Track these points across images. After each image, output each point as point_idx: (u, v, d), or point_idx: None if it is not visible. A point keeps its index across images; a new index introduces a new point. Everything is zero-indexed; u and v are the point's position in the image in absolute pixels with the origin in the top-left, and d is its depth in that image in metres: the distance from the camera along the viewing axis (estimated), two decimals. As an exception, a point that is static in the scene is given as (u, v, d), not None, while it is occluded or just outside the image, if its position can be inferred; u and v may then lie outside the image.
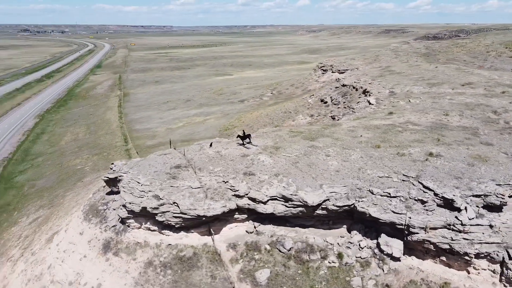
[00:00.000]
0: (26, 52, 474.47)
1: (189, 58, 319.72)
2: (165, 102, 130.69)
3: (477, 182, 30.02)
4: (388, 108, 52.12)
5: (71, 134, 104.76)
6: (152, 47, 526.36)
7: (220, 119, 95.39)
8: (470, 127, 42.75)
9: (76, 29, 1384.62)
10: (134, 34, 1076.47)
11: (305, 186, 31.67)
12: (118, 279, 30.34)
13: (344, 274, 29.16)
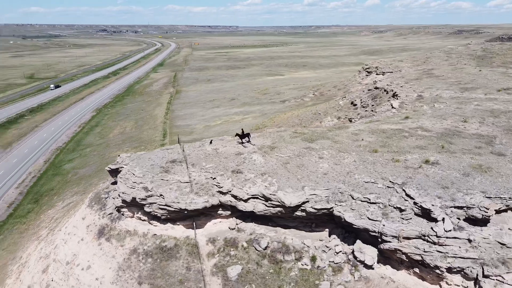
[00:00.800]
0: (100, 50, 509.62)
1: (246, 57, 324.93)
2: (211, 100, 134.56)
3: (464, 193, 28.34)
4: (407, 112, 50.05)
5: (120, 127, 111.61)
6: (214, 46, 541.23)
7: (257, 119, 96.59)
8: (487, 135, 39.96)
9: (148, 29, 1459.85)
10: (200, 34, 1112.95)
11: (286, 187, 31.81)
12: (105, 263, 32.57)
13: (315, 277, 28.97)
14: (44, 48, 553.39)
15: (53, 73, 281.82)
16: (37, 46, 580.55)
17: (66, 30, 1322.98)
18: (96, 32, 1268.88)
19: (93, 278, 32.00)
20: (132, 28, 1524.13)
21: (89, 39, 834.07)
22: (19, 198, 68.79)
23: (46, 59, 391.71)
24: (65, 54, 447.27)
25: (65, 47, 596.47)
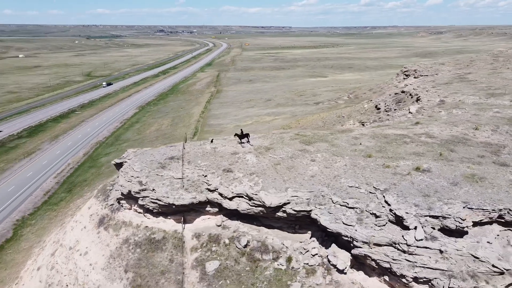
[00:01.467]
0: (154, 50, 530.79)
1: (293, 58, 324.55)
2: (247, 100, 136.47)
3: (444, 202, 27.47)
4: (422, 118, 48.53)
5: (157, 124, 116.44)
6: (264, 47, 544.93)
7: (286, 120, 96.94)
8: (496, 143, 38.02)
9: (203, 30, 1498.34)
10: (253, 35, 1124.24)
11: (270, 187, 32.37)
12: (100, 250, 34.93)
13: (288, 278, 29.37)
14: (104, 48, 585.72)
15: (108, 71, 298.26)
16: (99, 46, 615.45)
17: (126, 31, 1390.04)
18: (154, 32, 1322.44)
19: (87, 263, 34.46)
20: (188, 28, 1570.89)
21: (147, 39, 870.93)
22: (55, 187, 74.27)
23: (104, 58, 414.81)
24: (123, 54, 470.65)
25: (124, 46, 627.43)
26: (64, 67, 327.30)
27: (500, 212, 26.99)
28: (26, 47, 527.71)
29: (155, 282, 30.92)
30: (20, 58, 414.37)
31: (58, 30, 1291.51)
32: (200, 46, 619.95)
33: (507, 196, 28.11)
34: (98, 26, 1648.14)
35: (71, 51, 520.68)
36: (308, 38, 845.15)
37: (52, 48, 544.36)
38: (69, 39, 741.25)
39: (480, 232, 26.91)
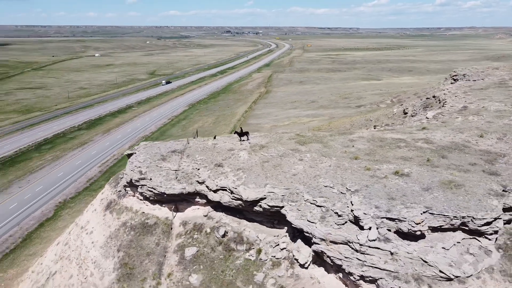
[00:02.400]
0: (218, 50, 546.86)
1: (352, 60, 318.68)
2: (292, 102, 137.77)
3: (406, 206, 27.69)
4: (433, 123, 47.42)
5: (201, 122, 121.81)
6: (326, 48, 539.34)
7: (322, 122, 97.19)
8: (496, 152, 36.68)
9: (268, 31, 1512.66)
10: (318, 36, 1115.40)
11: (251, 183, 34.24)
12: (102, 230, 38.98)
13: (255, 268, 31.15)
14: (172, 48, 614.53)
15: (171, 70, 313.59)
16: (167, 46, 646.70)
17: (195, 32, 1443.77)
18: (221, 33, 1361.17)
19: (90, 241, 38.65)
20: (254, 29, 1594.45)
21: (213, 40, 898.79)
22: (97, 175, 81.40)
23: (170, 57, 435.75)
24: (188, 54, 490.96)
25: (190, 47, 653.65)
26: (133, 65, 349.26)
27: (463, 219, 26.72)
28: (102, 47, 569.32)
29: (140, 262, 34.16)
30: (96, 57, 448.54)
31: (134, 31, 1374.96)
32: (262, 47, 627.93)
33: (477, 205, 27.64)
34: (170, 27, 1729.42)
35: (142, 50, 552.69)
36: (374, 40, 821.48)
37: (125, 48, 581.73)
38: (142, 40, 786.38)
39: (439, 237, 26.84)
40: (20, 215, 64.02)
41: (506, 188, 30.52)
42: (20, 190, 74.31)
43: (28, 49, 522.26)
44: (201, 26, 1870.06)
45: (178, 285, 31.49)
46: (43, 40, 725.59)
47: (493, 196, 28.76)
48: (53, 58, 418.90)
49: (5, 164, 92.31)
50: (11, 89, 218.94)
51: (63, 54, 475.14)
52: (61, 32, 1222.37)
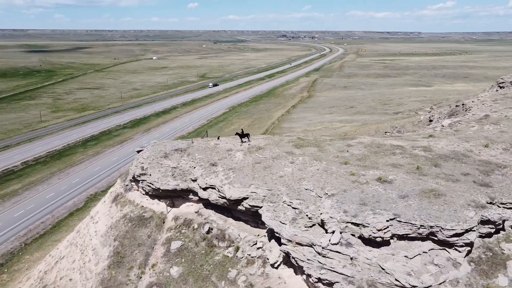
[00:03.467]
0: (270, 54, 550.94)
1: (405, 66, 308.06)
2: (330, 107, 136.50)
3: (374, 212, 27.43)
4: (445, 131, 45.73)
5: (237, 124, 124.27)
6: (381, 53, 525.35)
7: (354, 127, 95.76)
8: (497, 163, 34.94)
9: (325, 35, 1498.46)
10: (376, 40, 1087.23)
11: (237, 182, 35.34)
12: (105, 221, 41.82)
13: (230, 265, 32.18)
14: (226, 51, 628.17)
15: (221, 73, 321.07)
16: (221, 50, 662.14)
17: (251, 36, 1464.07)
18: (276, 37, 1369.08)
19: (94, 230, 41.62)
20: (310, 34, 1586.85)
21: (267, 44, 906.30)
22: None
23: (223, 61, 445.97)
24: (240, 57, 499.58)
25: (244, 50, 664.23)
26: (186, 68, 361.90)
27: (431, 229, 26.06)
28: (160, 50, 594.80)
29: (130, 251, 36.40)
30: (153, 59, 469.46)
31: (192, 35, 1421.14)
32: (316, 51, 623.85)
33: (450, 215, 26.82)
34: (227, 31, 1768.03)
35: (197, 54, 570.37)
36: (435, 45, 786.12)
37: (181, 51, 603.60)
38: (198, 43, 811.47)
39: (405, 246, 26.36)
40: (54, 204, 69.64)
41: (493, 201, 29.28)
42: (59, 182, 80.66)
43: (94, 52, 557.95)
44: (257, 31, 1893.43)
45: (159, 275, 33.25)
46: (109, 43, 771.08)
47: (473, 207, 27.69)
48: (115, 60, 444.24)
49: (53, 158, 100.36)
50: (72, 89, 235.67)
51: (124, 57, 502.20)
52: (126, 36, 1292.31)
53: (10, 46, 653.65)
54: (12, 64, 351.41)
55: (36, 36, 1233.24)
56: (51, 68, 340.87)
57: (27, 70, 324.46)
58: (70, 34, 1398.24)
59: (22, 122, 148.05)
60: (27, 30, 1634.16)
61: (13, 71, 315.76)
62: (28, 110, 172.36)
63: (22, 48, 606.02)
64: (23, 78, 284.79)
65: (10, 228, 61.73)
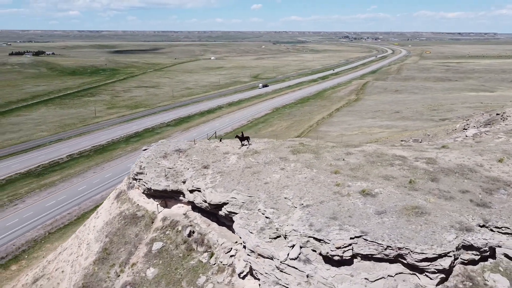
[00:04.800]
0: (328, 56, 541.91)
1: (470, 69, 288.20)
2: (375, 111, 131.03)
3: (340, 228, 25.43)
4: (465, 142, 41.61)
5: (276, 126, 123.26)
6: (447, 56, 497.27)
7: (392, 134, 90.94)
8: (505, 181, 31.04)
9: (389, 36, 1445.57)
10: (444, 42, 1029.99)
11: (221, 187, 34.62)
12: (104, 216, 42.92)
13: (202, 271, 31.54)
14: (284, 52, 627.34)
15: (274, 74, 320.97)
16: (279, 51, 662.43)
17: (312, 37, 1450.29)
18: (338, 38, 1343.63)
19: (93, 225, 42.92)
20: (373, 35, 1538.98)
21: (327, 45, 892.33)
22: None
23: (278, 62, 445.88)
24: (297, 58, 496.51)
25: (302, 52, 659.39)
26: (241, 69, 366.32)
27: (399, 251, 23.65)
28: (219, 51, 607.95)
29: (116, 249, 36.98)
30: (211, 60, 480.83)
31: (254, 36, 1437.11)
32: (377, 52, 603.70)
33: (426, 237, 24.21)
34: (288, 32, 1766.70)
35: (255, 54, 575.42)
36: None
37: (240, 51, 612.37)
38: (257, 44, 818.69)
39: (369, 267, 24.17)
40: (84, 196, 73.20)
41: (487, 223, 26.03)
42: (93, 175, 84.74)
43: (158, 52, 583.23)
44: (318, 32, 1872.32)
45: (136, 275, 33.39)
46: (172, 44, 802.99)
47: (456, 230, 24.78)
48: (175, 60, 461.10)
49: (96, 152, 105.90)
50: (130, 87, 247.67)
51: (185, 57, 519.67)
52: (190, 37, 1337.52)
53: (84, 46, 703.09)
54: (82, 62, 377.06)
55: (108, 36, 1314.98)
56: (115, 67, 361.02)
57: (94, 69, 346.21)
58: (139, 35, 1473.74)
59: (79, 117, 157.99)
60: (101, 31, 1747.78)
61: (81, 70, 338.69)
62: (86, 106, 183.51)
63: (94, 48, 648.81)
64: (89, 76, 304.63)
65: (39, 217, 65.89)
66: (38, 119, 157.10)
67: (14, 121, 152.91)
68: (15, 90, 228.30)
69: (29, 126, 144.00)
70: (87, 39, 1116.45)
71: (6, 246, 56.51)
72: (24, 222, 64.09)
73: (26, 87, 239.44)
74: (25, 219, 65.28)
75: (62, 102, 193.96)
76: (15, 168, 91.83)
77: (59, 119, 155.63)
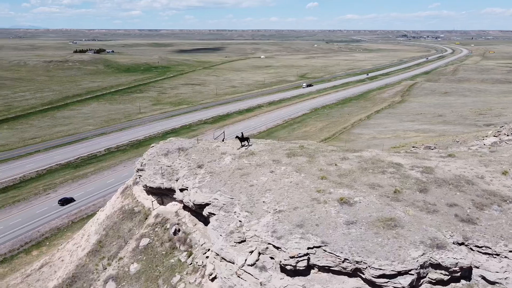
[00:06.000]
0: (381, 55, 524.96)
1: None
2: (416, 114, 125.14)
3: (302, 236, 24.54)
4: (479, 151, 38.64)
5: (310, 127, 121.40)
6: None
7: (427, 139, 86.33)
8: (503, 195, 28.38)
9: (451, 35, 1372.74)
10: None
11: (207, 187, 34.69)
12: (108, 210, 44.50)
13: (178, 269, 31.81)
14: (335, 52, 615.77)
15: (322, 73, 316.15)
16: (331, 50, 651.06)
17: (368, 36, 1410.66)
18: (395, 37, 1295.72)
19: (97, 218, 44.64)
20: (434, 33, 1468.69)
21: (383, 45, 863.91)
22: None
23: (328, 61, 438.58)
24: (348, 58, 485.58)
25: (355, 51, 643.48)
26: (289, 68, 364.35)
27: (357, 264, 22.44)
28: (270, 49, 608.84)
29: (109, 242, 38.21)
30: (261, 58, 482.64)
31: (307, 35, 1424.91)
32: (435, 52, 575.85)
33: (390, 252, 22.86)
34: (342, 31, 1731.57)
35: (305, 53, 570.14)
36: None
37: (290, 50, 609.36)
38: (310, 43, 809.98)
39: (324, 279, 23.16)
40: (110, 189, 76.29)
41: (466, 241, 24.07)
42: (123, 169, 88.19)
43: (210, 50, 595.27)
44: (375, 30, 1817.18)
45: (120, 269, 34.31)
46: (225, 42, 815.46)
47: (426, 246, 23.15)
48: (226, 58, 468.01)
49: (132, 146, 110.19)
50: (178, 84, 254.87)
51: (236, 55, 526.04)
52: (243, 35, 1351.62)
53: (142, 44, 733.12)
54: (137, 60, 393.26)
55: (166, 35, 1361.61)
56: (167, 65, 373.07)
57: (147, 66, 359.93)
58: (195, 34, 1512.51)
59: (124, 113, 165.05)
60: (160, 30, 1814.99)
61: (135, 67, 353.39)
62: (134, 102, 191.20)
63: (151, 47, 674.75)
64: (141, 73, 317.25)
65: (66, 206, 69.65)
66: (88, 113, 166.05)
67: (67, 115, 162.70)
68: (73, 85, 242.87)
69: (79, 120, 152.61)
70: (145, 37, 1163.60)
71: (32, 232, 60.47)
72: (52, 210, 68.19)
73: (83, 83, 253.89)
74: (54, 207, 69.42)
75: (112, 98, 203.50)
76: (57, 159, 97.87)
77: (107, 114, 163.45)
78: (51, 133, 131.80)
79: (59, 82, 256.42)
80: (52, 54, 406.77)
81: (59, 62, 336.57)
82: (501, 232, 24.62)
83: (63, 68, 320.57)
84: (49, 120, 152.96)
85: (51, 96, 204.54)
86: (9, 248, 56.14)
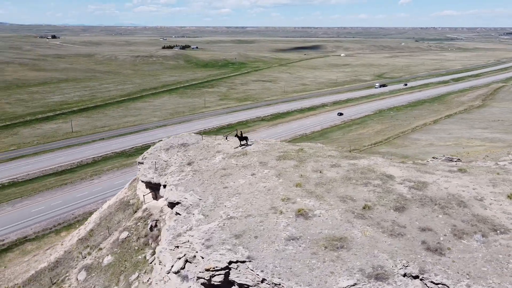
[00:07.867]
0: (476, 55, 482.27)
1: None
2: (492, 120, 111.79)
3: (231, 249, 22.44)
4: (497, 169, 32.62)
5: (367, 129, 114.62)
6: None
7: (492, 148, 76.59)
8: (496, 224, 23.40)
9: None
10: None
11: (183, 185, 33.71)
12: (111, 200, 45.62)
13: (140, 266, 31.52)
14: (424, 50, 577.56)
15: (402, 73, 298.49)
16: (419, 48, 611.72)
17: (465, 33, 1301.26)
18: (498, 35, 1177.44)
19: (101, 207, 45.96)
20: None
21: (481, 43, 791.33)
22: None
23: (412, 60, 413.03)
24: (436, 57, 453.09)
25: (446, 50, 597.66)
26: (367, 67, 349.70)
27: (275, 287, 19.75)
28: (352, 47, 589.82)
29: (98, 232, 39.02)
30: (341, 56, 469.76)
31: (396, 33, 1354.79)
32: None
33: (316, 277, 20.09)
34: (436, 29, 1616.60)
35: (389, 52, 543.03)
36: None
37: (374, 49, 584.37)
38: (397, 41, 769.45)
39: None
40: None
41: (422, 275, 20.20)
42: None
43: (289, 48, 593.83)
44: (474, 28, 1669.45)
45: (95, 260, 34.73)
46: (307, 40, 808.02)
47: (362, 275, 19.80)
48: (304, 56, 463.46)
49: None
50: (249, 80, 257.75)
51: (315, 53, 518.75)
52: (328, 33, 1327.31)
53: (226, 41, 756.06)
54: (216, 56, 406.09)
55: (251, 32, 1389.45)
56: (244, 61, 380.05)
57: (225, 62, 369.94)
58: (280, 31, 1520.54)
59: (190, 107, 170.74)
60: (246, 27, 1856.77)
61: (213, 63, 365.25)
62: (202, 96, 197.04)
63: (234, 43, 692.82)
64: (218, 69, 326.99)
65: (105, 192, 73.18)
66: (158, 105, 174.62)
67: (139, 106, 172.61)
68: (152, 79, 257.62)
69: (148, 112, 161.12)
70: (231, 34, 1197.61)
71: (66, 215, 64.64)
72: (91, 195, 72.33)
73: (162, 77, 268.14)
74: (94, 192, 73.55)
75: (184, 91, 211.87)
76: (114, 147, 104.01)
77: (174, 107, 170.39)
78: (120, 122, 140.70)
79: (141, 76, 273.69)
80: (143, 50, 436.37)
81: (144, 57, 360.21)
82: (470, 269, 20.09)
83: (148, 63, 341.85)
84: (122, 110, 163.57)
85: (130, 89, 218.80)
86: (44, 227, 60.59)
